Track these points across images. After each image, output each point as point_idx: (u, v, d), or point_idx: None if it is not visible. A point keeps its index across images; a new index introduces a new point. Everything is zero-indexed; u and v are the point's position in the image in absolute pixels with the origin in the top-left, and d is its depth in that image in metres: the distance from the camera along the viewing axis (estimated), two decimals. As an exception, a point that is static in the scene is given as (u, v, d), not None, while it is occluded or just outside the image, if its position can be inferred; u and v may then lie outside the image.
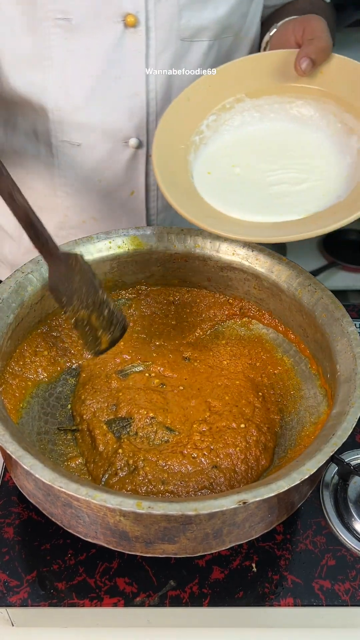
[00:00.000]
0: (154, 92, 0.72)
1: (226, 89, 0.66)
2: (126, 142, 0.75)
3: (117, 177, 0.78)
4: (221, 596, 0.59)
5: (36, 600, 0.58)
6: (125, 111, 0.73)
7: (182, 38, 0.70)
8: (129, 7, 0.67)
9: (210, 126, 0.67)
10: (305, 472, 0.48)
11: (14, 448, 0.49)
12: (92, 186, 0.79)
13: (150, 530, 0.50)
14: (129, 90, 0.71)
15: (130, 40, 0.69)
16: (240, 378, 0.68)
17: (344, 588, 0.60)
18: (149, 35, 0.69)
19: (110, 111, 0.73)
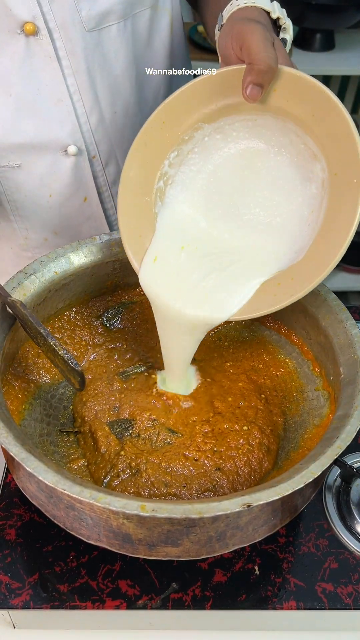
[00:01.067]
0: (77, 94, 0.70)
1: (181, 122, 0.61)
2: (65, 151, 0.72)
3: (65, 187, 0.76)
4: (223, 599, 0.58)
5: (38, 603, 0.58)
6: (55, 120, 0.70)
7: (88, 30, 0.67)
8: (24, 15, 0.64)
9: (173, 163, 0.63)
10: (309, 475, 0.48)
11: (17, 450, 0.49)
12: (43, 203, 0.77)
13: (154, 533, 0.50)
14: (52, 98, 0.69)
15: (37, 48, 0.66)
16: (243, 380, 0.68)
17: (346, 591, 0.59)
18: (54, 37, 0.66)
19: (40, 124, 0.70)
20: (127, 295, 0.76)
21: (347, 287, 2.09)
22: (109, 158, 0.76)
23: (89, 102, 0.71)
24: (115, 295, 0.76)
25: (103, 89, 0.71)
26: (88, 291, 0.73)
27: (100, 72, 0.70)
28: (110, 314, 0.75)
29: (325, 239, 0.57)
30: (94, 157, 0.74)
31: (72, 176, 0.75)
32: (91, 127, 0.72)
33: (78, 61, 0.68)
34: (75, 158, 0.73)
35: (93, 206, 0.79)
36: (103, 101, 0.72)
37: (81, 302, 0.73)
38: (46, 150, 0.72)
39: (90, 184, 0.77)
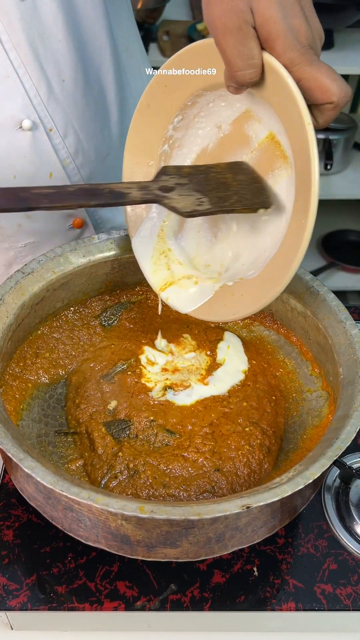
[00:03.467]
0: (22, 68, 0.68)
1: (182, 87, 0.59)
2: (20, 127, 0.70)
3: (28, 165, 0.74)
4: (222, 600, 0.58)
5: (36, 604, 0.57)
6: (4, 97, 0.69)
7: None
8: None
9: (178, 127, 0.62)
10: (309, 476, 0.48)
11: (15, 451, 0.48)
12: (8, 184, 0.73)
13: (152, 535, 0.50)
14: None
15: None
16: (260, 381, 0.68)
17: (345, 592, 0.59)
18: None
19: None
20: (126, 295, 0.76)
21: (346, 287, 2.09)
22: (66, 129, 0.75)
23: (35, 74, 0.69)
24: (113, 295, 0.75)
25: (47, 58, 0.69)
26: (86, 291, 0.72)
27: (42, 42, 0.68)
28: (109, 314, 0.75)
29: (276, 264, 0.55)
30: (50, 130, 0.73)
31: (33, 152, 0.73)
32: (42, 100, 0.71)
33: (17, 34, 0.66)
34: (32, 133, 0.71)
35: (60, 181, 0.77)
36: (49, 71, 0.70)
37: (79, 302, 0.73)
38: (1, 129, 0.70)
39: (52, 159, 0.75)
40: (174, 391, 0.66)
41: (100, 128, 0.79)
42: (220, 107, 0.60)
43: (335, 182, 1.95)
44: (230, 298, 0.61)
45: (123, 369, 0.68)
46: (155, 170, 0.63)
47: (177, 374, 0.68)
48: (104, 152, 0.81)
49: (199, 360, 0.69)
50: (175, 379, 0.67)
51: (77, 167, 0.78)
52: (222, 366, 0.69)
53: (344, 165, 1.97)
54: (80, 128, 0.76)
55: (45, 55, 0.69)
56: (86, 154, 0.78)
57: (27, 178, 0.75)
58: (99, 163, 0.80)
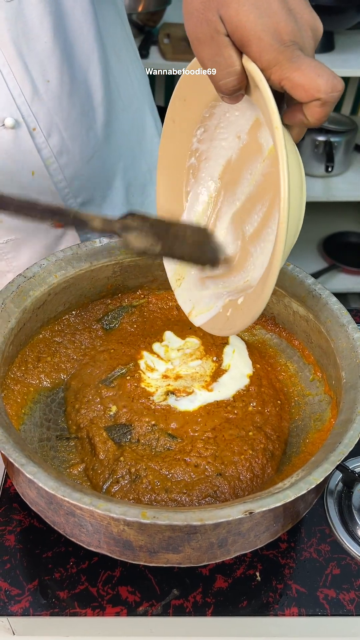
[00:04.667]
0: (6, 67, 0.68)
1: (199, 99, 0.59)
2: (2, 124, 0.71)
3: (10, 163, 0.74)
4: (225, 605, 0.58)
5: (38, 610, 0.57)
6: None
7: (7, 0, 0.65)
8: None
9: (202, 139, 0.63)
10: (312, 481, 0.48)
11: (17, 456, 0.48)
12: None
13: (155, 540, 0.49)
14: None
15: None
16: (265, 385, 0.68)
17: (349, 597, 0.59)
18: None
19: None
20: (127, 299, 0.76)
21: (346, 289, 2.09)
22: (50, 129, 0.75)
23: (19, 73, 0.69)
24: (115, 299, 0.75)
25: (32, 59, 0.69)
26: (88, 294, 0.72)
27: (27, 42, 0.68)
28: (110, 318, 0.74)
29: (262, 280, 0.55)
30: (34, 129, 0.73)
31: (15, 150, 0.73)
32: (26, 99, 0.71)
33: (2, 33, 0.66)
34: (14, 131, 0.72)
35: (43, 180, 0.77)
36: (34, 71, 0.70)
37: (81, 306, 0.72)
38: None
39: (35, 158, 0.75)
40: (176, 397, 0.65)
41: (86, 130, 0.79)
42: (235, 117, 0.60)
43: (336, 184, 1.95)
44: (232, 312, 0.61)
45: (122, 374, 0.67)
46: (183, 185, 0.65)
47: (179, 381, 0.67)
48: (89, 153, 0.80)
49: (204, 368, 0.69)
50: (177, 385, 0.67)
51: (61, 167, 0.77)
52: (227, 372, 0.68)
53: (344, 168, 1.97)
54: (65, 128, 0.76)
55: (30, 55, 0.69)
56: (70, 155, 0.77)
57: (8, 175, 0.74)
58: (83, 164, 0.80)
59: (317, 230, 2.22)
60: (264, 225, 0.59)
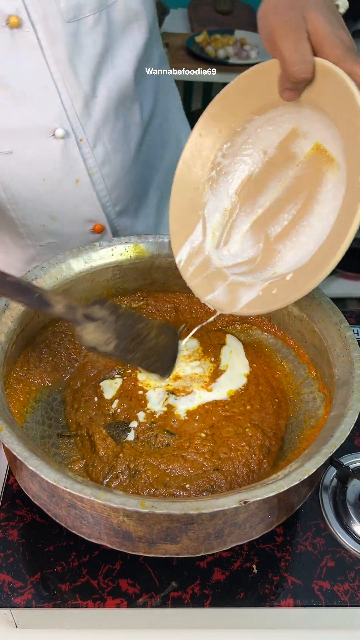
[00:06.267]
0: (61, 81, 0.74)
1: (234, 114, 0.64)
2: (53, 134, 0.76)
3: (56, 170, 0.79)
4: (222, 597, 0.60)
5: (40, 602, 0.59)
6: (42, 106, 0.75)
7: (67, 20, 0.71)
8: (8, 9, 0.68)
9: (227, 154, 0.67)
10: (304, 472, 0.49)
11: (20, 449, 0.50)
12: (37, 188, 0.80)
13: (153, 530, 0.51)
14: (38, 85, 0.73)
15: (21, 40, 0.70)
16: (262, 383, 0.70)
17: (343, 589, 0.60)
18: (36, 29, 0.70)
19: (29, 110, 0.74)
20: (127, 301, 0.78)
21: (345, 294, 2.11)
22: (96, 140, 0.79)
23: (72, 87, 0.75)
24: (114, 301, 0.77)
25: (85, 75, 0.75)
26: (88, 296, 0.74)
27: (81, 60, 0.74)
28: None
29: (326, 246, 0.59)
30: (81, 140, 0.78)
31: (62, 159, 0.78)
32: (76, 111, 0.76)
33: (59, 50, 0.72)
34: (64, 141, 0.77)
35: (85, 188, 0.82)
36: (86, 86, 0.76)
37: (81, 307, 0.74)
38: (35, 135, 0.76)
39: (80, 166, 0.80)
40: (175, 396, 0.67)
41: (127, 142, 0.84)
42: (268, 132, 0.65)
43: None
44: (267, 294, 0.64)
45: (120, 374, 0.69)
46: (201, 196, 0.68)
47: (178, 381, 0.69)
48: (129, 164, 0.85)
49: (203, 368, 0.70)
50: (176, 385, 0.68)
51: (103, 176, 0.82)
52: (225, 372, 0.70)
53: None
54: (109, 141, 0.81)
55: (84, 72, 0.75)
56: (112, 165, 0.83)
57: (54, 182, 0.79)
58: (123, 174, 0.85)
59: (315, 236, 2.23)
60: (295, 223, 0.64)
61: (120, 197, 0.87)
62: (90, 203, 0.83)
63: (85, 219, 0.84)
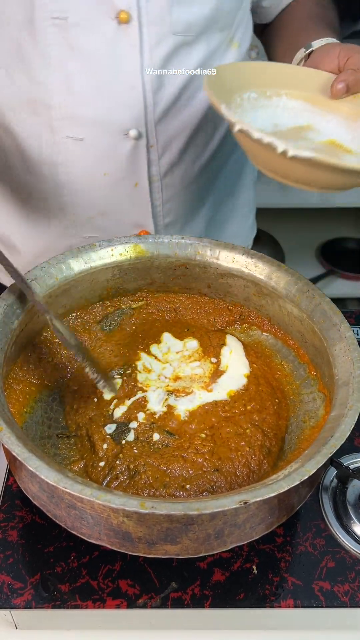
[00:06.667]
0: (149, 84, 0.75)
1: (269, 81, 0.69)
2: (126, 134, 0.77)
3: (120, 169, 0.81)
4: (222, 598, 0.59)
5: (40, 603, 0.59)
6: (124, 104, 0.76)
7: (174, 32, 0.74)
8: (121, 4, 0.70)
9: (250, 99, 0.69)
10: (304, 472, 0.49)
11: (20, 450, 0.50)
12: (97, 180, 0.81)
13: (153, 531, 0.51)
14: (126, 83, 0.75)
15: (124, 36, 0.72)
16: (262, 383, 0.69)
17: (343, 589, 0.60)
18: (142, 31, 0.72)
19: (111, 104, 0.76)
20: (126, 301, 0.78)
21: (344, 294, 2.11)
22: (165, 149, 0.81)
23: (158, 94, 0.77)
24: (114, 301, 0.77)
25: (173, 86, 0.77)
26: (88, 297, 0.74)
27: (171, 73, 0.77)
28: (110, 320, 0.76)
29: None
30: (151, 146, 0.80)
31: (129, 159, 0.80)
32: (155, 118, 0.78)
33: (157, 58, 0.75)
34: (135, 142, 0.78)
35: (142, 193, 0.83)
36: (171, 96, 0.78)
37: (81, 308, 0.74)
38: (110, 130, 0.77)
39: (143, 170, 0.81)
40: (176, 397, 0.67)
41: (194, 159, 0.86)
42: (286, 111, 0.70)
43: (333, 191, 1.96)
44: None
45: (119, 374, 0.69)
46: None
47: (179, 382, 0.69)
48: (189, 181, 0.87)
49: (203, 369, 0.70)
50: (177, 386, 0.68)
51: (162, 186, 0.85)
52: (225, 373, 0.70)
53: (341, 174, 1.99)
54: (178, 153, 0.83)
55: (171, 83, 0.77)
56: (173, 178, 0.85)
57: (115, 180, 0.81)
58: (181, 189, 0.87)
59: (314, 236, 2.24)
60: None
61: (172, 210, 0.88)
62: (143, 208, 0.85)
63: (133, 223, 0.86)
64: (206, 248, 0.74)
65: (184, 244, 0.74)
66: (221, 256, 0.73)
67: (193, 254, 0.74)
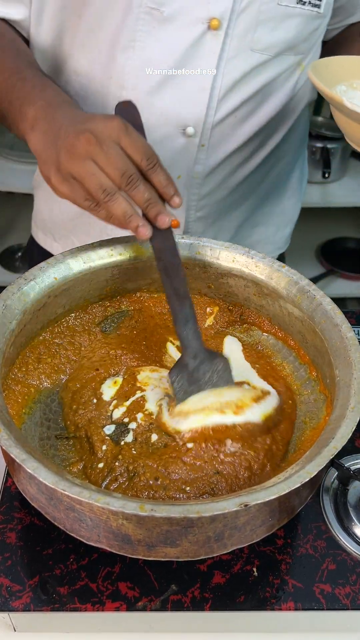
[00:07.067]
0: (217, 90, 0.80)
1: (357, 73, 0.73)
2: (183, 130, 0.82)
3: (167, 159, 0.82)
4: (222, 600, 0.59)
5: (38, 605, 0.58)
6: (190, 102, 0.80)
7: (252, 49, 0.79)
8: (216, 12, 0.75)
9: (340, 92, 0.72)
10: (305, 475, 0.49)
11: (18, 452, 0.50)
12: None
13: (153, 534, 0.50)
14: (197, 84, 0.79)
15: (209, 41, 0.77)
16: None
17: (344, 592, 0.60)
18: (226, 41, 0.77)
19: (177, 99, 0.80)
20: (126, 302, 0.77)
21: (344, 294, 2.11)
22: (214, 151, 0.85)
23: (223, 101, 0.81)
24: (114, 301, 0.77)
25: (237, 97, 0.82)
26: (87, 297, 0.74)
27: (243, 83, 0.81)
28: (110, 321, 0.76)
29: None
30: (202, 146, 0.83)
31: (179, 153, 0.84)
32: (213, 121, 0.82)
33: (232, 68, 0.79)
34: (189, 139, 0.83)
35: (181, 186, 0.86)
36: (233, 106, 0.82)
37: (80, 308, 0.74)
38: (170, 122, 0.81)
39: (189, 166, 0.85)
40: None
41: (240, 162, 0.89)
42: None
43: (333, 190, 1.96)
44: None
45: (119, 374, 0.69)
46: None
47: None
48: (228, 185, 0.90)
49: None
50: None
51: (202, 183, 0.88)
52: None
53: (341, 174, 1.99)
54: (226, 156, 0.86)
55: (237, 94, 0.81)
56: (215, 178, 0.88)
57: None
58: (218, 190, 0.90)
59: (314, 236, 2.23)
60: None
61: (206, 206, 0.91)
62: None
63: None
64: (206, 248, 0.73)
65: (183, 244, 0.73)
66: (221, 256, 0.73)
67: (193, 254, 0.74)
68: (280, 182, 1.01)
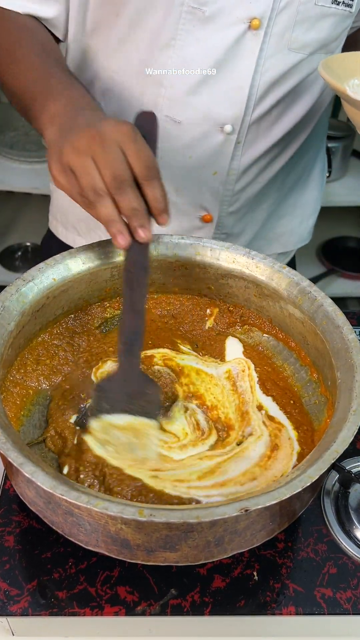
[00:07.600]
0: (256, 89, 0.81)
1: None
2: (221, 127, 0.83)
3: (205, 156, 0.86)
4: (223, 605, 0.58)
5: (37, 610, 0.58)
6: (229, 101, 0.81)
7: (289, 48, 0.79)
8: (257, 12, 0.76)
9: (354, 86, 0.71)
10: (306, 479, 0.48)
11: (15, 455, 0.49)
12: (181, 160, 0.86)
13: (152, 539, 0.50)
14: (236, 83, 0.80)
15: (249, 41, 0.77)
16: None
17: (345, 596, 0.59)
18: (265, 40, 0.78)
19: (216, 98, 0.81)
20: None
21: (345, 293, 2.10)
22: (250, 147, 0.86)
23: (261, 100, 0.82)
24: (113, 302, 0.76)
25: (275, 96, 0.83)
26: (86, 298, 0.73)
27: (277, 83, 0.82)
28: (109, 322, 0.75)
29: None
30: (239, 143, 0.85)
31: (216, 150, 0.85)
32: (251, 119, 0.83)
33: (271, 67, 0.80)
34: (226, 136, 0.84)
35: (217, 182, 0.88)
36: (270, 104, 0.83)
37: (80, 309, 0.73)
38: (208, 120, 0.83)
39: (225, 163, 0.87)
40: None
41: (272, 159, 0.90)
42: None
43: (334, 190, 1.96)
44: None
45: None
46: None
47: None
48: (263, 181, 0.92)
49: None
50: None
51: (237, 179, 0.88)
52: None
53: (342, 173, 1.99)
54: (259, 152, 0.87)
55: (275, 92, 0.83)
56: (250, 174, 0.89)
57: (198, 164, 0.87)
58: (252, 185, 0.91)
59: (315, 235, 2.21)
60: None
61: (238, 201, 0.92)
62: (214, 196, 0.90)
63: (201, 206, 0.91)
64: (206, 248, 0.73)
65: (183, 244, 0.73)
66: (222, 257, 0.72)
67: (193, 255, 0.73)
68: (304, 174, 1.02)
